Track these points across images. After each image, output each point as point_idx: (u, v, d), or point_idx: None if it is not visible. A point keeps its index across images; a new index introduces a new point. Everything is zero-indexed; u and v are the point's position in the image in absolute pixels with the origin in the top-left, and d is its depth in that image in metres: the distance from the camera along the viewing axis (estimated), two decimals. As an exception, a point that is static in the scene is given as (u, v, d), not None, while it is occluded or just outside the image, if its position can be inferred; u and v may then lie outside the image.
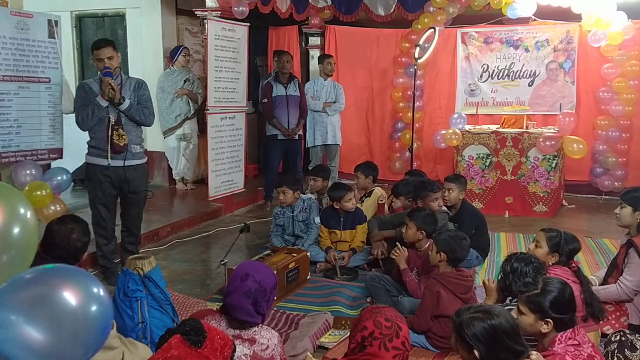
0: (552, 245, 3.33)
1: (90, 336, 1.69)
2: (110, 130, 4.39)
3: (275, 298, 3.56)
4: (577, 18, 7.25)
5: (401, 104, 8.16)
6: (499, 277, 3.27)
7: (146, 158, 4.76)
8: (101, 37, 5.45)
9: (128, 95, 4.46)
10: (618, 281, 3.50)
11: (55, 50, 5.14)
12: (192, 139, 7.48)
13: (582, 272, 3.29)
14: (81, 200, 6.96)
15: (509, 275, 3.14)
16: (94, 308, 1.70)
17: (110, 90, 4.29)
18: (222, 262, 4.29)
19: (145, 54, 7.63)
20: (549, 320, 2.45)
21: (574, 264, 3.35)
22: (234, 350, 2.17)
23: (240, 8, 6.49)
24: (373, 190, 5.61)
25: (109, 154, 4.41)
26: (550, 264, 3.30)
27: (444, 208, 4.82)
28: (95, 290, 1.75)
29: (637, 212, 3.63)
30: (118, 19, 7.96)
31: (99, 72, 4.45)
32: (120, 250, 4.78)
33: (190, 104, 7.38)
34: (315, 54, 8.63)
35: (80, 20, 8.19)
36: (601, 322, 3.22)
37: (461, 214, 4.95)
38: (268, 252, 4.67)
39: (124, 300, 3.26)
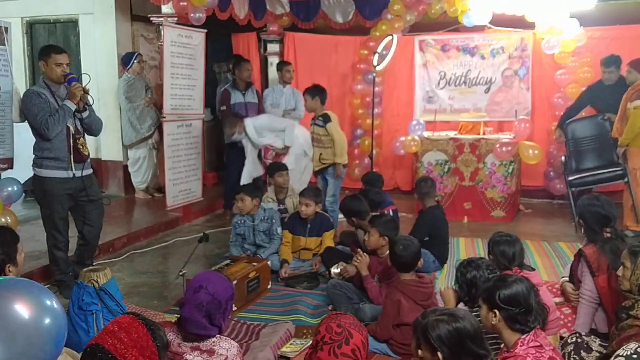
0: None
1: (43, 350, 1.63)
2: (71, 140, 4.29)
3: (235, 309, 3.50)
4: (531, 26, 7.40)
5: (360, 111, 8.18)
6: (456, 286, 3.27)
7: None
8: (52, 44, 5.33)
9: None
10: (580, 296, 3.51)
11: (6, 58, 4.95)
12: (159, 146, 7.41)
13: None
14: (33, 211, 6.73)
15: (471, 287, 3.15)
16: (47, 321, 1.64)
17: (84, 94, 4.23)
18: (181, 273, 4.19)
19: (98, 61, 7.47)
20: (495, 310, 2.45)
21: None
22: None
23: (197, 14, 6.41)
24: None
25: (72, 164, 4.30)
26: None
27: None
28: (48, 302, 1.69)
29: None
30: (71, 25, 7.79)
31: (41, 77, 4.37)
32: (74, 262, 4.64)
33: (156, 111, 7.28)
34: (274, 60, 8.57)
35: (32, 27, 7.99)
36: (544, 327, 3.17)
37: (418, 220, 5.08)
38: (228, 261, 4.58)
39: (78, 314, 3.16)
